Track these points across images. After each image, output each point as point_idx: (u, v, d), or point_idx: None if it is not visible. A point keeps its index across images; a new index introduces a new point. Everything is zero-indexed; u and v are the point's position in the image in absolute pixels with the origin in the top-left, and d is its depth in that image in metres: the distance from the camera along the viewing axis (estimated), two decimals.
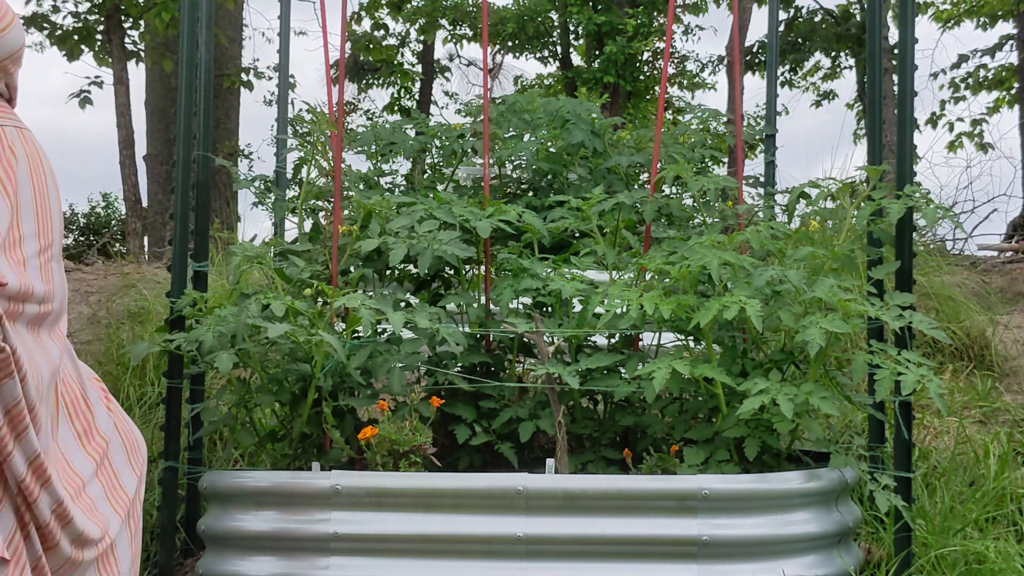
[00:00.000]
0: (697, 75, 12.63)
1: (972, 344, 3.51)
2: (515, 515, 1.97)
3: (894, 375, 1.94)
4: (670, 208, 2.58)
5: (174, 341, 2.25)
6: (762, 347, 2.42)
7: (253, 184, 2.71)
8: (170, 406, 2.32)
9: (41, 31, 7.33)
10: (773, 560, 1.96)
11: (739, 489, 1.96)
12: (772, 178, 3.03)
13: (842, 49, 10.87)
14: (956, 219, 2.37)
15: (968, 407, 3.11)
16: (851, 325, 1.99)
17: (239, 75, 7.59)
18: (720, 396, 2.12)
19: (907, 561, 2.07)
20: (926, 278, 3.73)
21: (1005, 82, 9.74)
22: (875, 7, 2.31)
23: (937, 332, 2.00)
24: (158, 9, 6.29)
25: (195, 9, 2.36)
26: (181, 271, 2.35)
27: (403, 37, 12.66)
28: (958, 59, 9.94)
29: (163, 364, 2.40)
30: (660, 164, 2.66)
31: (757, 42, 10.86)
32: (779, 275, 2.08)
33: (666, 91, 7.07)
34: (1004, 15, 9.48)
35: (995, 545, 2.12)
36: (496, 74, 13.93)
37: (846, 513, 2.08)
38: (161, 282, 3.74)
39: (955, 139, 9.72)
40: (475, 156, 3.13)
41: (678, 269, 2.14)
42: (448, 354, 2.42)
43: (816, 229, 2.35)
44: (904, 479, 2.08)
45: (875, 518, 2.30)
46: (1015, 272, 4.46)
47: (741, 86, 3.42)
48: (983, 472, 2.58)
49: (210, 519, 2.12)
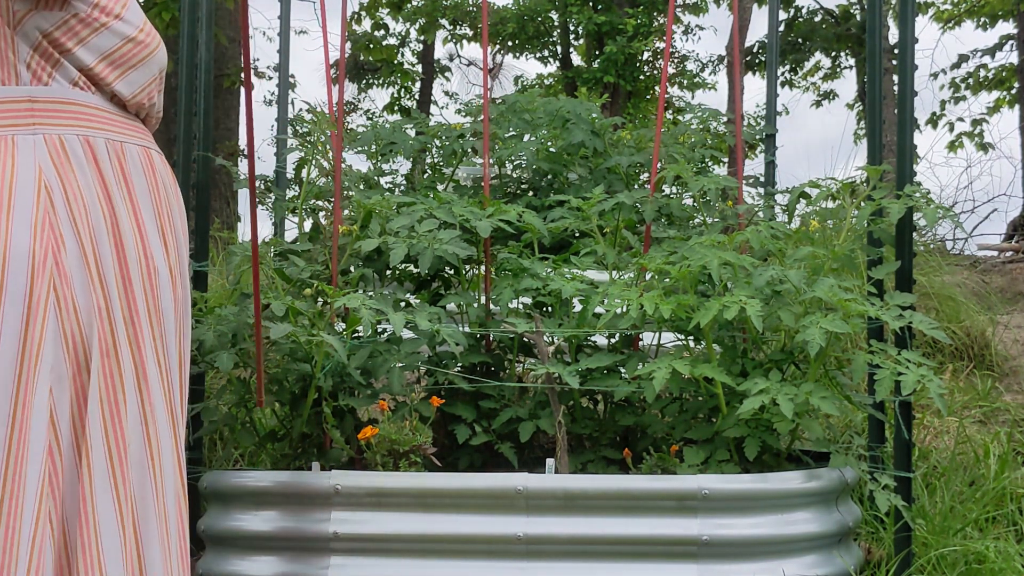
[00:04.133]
0: (697, 75, 12.63)
1: (972, 344, 3.51)
2: (515, 515, 1.97)
3: (894, 375, 1.94)
4: (670, 208, 2.58)
5: None
6: (762, 347, 2.42)
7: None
8: None
9: None
10: (773, 560, 1.96)
11: (739, 489, 1.96)
12: (772, 178, 3.03)
13: (842, 49, 10.88)
14: (956, 219, 2.37)
15: (968, 407, 3.11)
16: (851, 325, 1.99)
17: (239, 75, 7.59)
18: (720, 396, 2.12)
19: (907, 561, 2.07)
20: (926, 278, 3.73)
21: (1005, 82, 9.74)
22: (875, 7, 2.31)
23: (937, 332, 2.00)
24: (158, 9, 6.28)
25: (195, 9, 2.36)
26: None
27: (403, 37, 12.67)
28: (958, 59, 9.95)
29: None
30: (660, 164, 2.66)
31: (757, 42, 10.86)
32: (779, 275, 2.08)
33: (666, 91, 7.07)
34: (1004, 15, 9.48)
35: (995, 545, 2.12)
36: (496, 74, 13.94)
37: (846, 513, 2.08)
38: None
39: (955, 139, 9.73)
40: (475, 156, 3.13)
41: (678, 269, 2.14)
42: (448, 354, 2.42)
43: (816, 229, 2.36)
44: (904, 479, 2.08)
45: (875, 518, 2.30)
46: (1015, 272, 4.46)
47: (741, 86, 3.42)
48: (983, 472, 2.58)
49: (210, 519, 2.12)
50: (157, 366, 1.37)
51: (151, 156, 1.45)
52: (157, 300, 1.38)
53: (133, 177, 1.39)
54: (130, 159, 1.40)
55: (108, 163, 1.37)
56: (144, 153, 1.43)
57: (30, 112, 1.33)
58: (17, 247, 1.27)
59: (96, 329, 1.30)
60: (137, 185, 1.39)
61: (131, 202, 1.38)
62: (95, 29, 1.37)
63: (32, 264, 1.28)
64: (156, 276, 1.38)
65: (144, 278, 1.36)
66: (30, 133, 1.33)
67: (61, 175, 1.32)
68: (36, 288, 1.28)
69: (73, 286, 1.30)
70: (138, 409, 1.34)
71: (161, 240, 1.41)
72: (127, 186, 1.38)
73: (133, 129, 1.44)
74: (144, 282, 1.36)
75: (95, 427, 1.29)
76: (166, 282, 1.40)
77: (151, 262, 1.38)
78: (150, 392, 1.35)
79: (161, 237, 1.41)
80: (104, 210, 1.34)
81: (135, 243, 1.36)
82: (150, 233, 1.39)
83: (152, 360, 1.36)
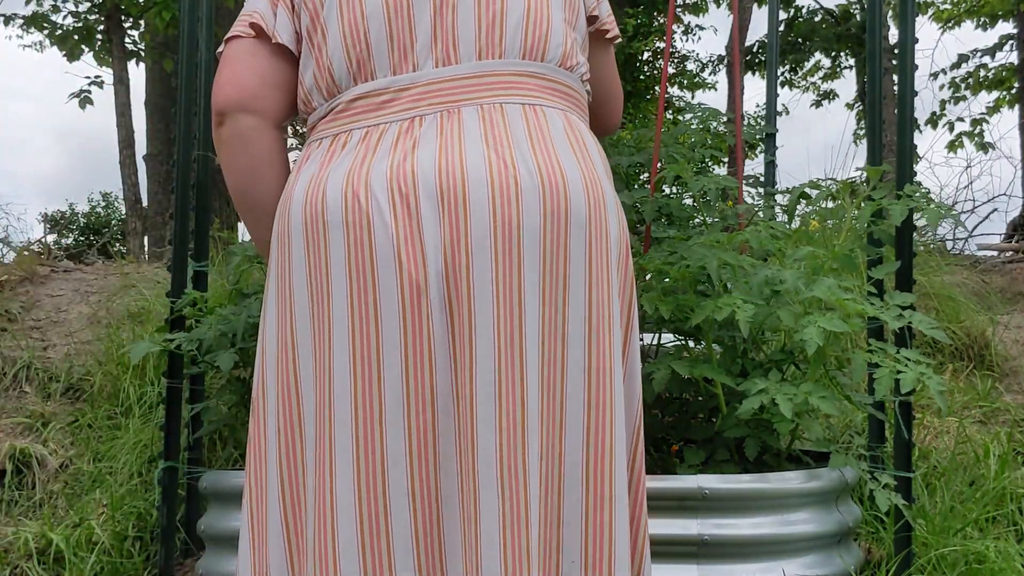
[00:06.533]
0: (697, 75, 12.63)
1: (972, 344, 3.51)
2: None
3: (893, 373, 1.94)
4: (670, 208, 2.58)
5: (174, 341, 2.25)
6: (762, 347, 2.42)
7: None
8: (170, 406, 2.31)
9: (41, 31, 7.32)
10: (773, 560, 1.96)
11: (739, 489, 1.96)
12: (772, 178, 3.03)
13: (842, 49, 10.88)
14: (957, 218, 2.37)
15: (968, 407, 3.11)
16: (850, 325, 1.99)
17: None
18: (720, 396, 2.12)
19: (907, 561, 2.07)
20: (926, 278, 3.73)
21: (1005, 82, 9.73)
22: (875, 7, 2.30)
23: (937, 332, 2.00)
24: (158, 8, 6.28)
25: (195, 9, 2.35)
26: (181, 271, 2.35)
27: None
28: (958, 59, 9.94)
29: (163, 364, 2.40)
30: (660, 164, 2.66)
31: (757, 42, 10.86)
32: (777, 275, 2.08)
33: (666, 91, 7.07)
34: (1004, 15, 9.47)
35: (995, 545, 2.12)
36: None
37: (846, 513, 2.08)
38: (161, 282, 3.74)
39: (955, 139, 9.71)
40: None
41: (677, 269, 2.14)
42: None
43: (816, 229, 2.35)
44: (904, 479, 2.08)
45: (875, 518, 2.30)
46: (1015, 272, 4.45)
47: (741, 86, 3.42)
48: (983, 472, 2.58)
49: (210, 519, 2.12)
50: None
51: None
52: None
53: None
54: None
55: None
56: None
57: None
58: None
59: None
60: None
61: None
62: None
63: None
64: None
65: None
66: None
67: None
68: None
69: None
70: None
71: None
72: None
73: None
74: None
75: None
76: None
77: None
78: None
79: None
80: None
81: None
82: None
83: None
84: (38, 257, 4.29)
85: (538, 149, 1.27)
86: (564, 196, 1.24)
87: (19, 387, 3.11)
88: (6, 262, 4.30)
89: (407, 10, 1.35)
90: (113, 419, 2.95)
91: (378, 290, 1.21)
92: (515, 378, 1.18)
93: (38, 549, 2.36)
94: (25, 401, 3.04)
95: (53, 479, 2.73)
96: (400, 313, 1.20)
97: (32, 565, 2.33)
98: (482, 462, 1.16)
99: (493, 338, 1.18)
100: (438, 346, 1.20)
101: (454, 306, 1.20)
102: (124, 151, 6.95)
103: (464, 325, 1.19)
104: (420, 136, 1.28)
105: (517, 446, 1.17)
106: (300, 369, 1.27)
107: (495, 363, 1.18)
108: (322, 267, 1.25)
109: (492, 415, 1.17)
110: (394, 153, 1.26)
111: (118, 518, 2.45)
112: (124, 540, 2.42)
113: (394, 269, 1.20)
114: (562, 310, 1.23)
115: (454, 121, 1.29)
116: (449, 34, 1.34)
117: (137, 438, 2.76)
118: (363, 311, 1.21)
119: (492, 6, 1.35)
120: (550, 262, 1.23)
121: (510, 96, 1.32)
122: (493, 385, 1.18)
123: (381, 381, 1.19)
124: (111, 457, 2.74)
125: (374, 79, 1.34)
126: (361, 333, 1.21)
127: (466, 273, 1.19)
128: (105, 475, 2.67)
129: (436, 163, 1.23)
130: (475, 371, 1.18)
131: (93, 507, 2.53)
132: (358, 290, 1.22)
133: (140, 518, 2.48)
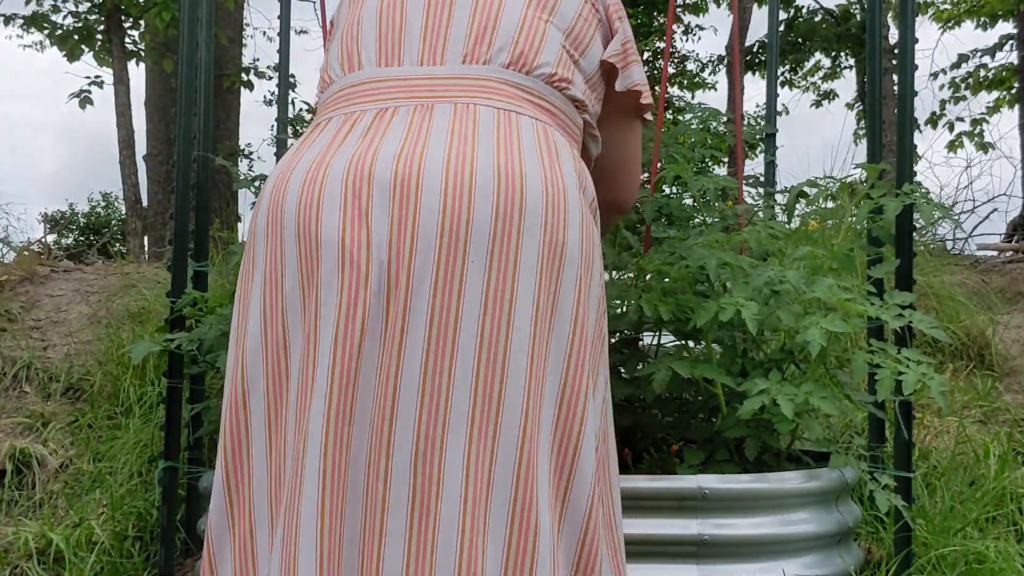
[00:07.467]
0: (697, 75, 12.63)
1: (972, 344, 3.51)
2: None
3: (895, 374, 1.94)
4: (670, 208, 2.58)
5: (174, 341, 2.25)
6: (762, 347, 2.42)
7: (253, 184, 2.70)
8: (170, 406, 2.31)
9: (41, 31, 7.32)
10: (773, 560, 1.96)
11: (739, 489, 1.96)
12: (772, 178, 3.03)
13: (842, 49, 10.88)
14: (956, 219, 2.37)
15: (968, 407, 3.11)
16: (851, 324, 1.99)
17: (239, 75, 7.59)
18: (720, 396, 2.12)
19: (907, 561, 2.07)
20: (926, 278, 3.73)
21: (1005, 82, 9.73)
22: (875, 7, 2.30)
23: (937, 332, 2.00)
24: (158, 9, 6.28)
25: (195, 9, 2.36)
26: (181, 271, 2.35)
27: None
28: (958, 59, 9.93)
29: (163, 364, 2.40)
30: (660, 164, 2.66)
31: (757, 42, 10.85)
32: (778, 275, 2.08)
33: (666, 91, 7.07)
34: (1004, 15, 9.47)
35: (995, 545, 2.12)
36: None
37: (846, 513, 2.08)
38: (161, 282, 3.74)
39: (955, 139, 9.70)
40: None
41: (676, 269, 2.14)
42: None
43: (816, 229, 2.35)
44: (904, 479, 2.08)
45: (875, 518, 2.30)
46: (1015, 272, 4.45)
47: (741, 86, 3.42)
48: (983, 472, 2.58)
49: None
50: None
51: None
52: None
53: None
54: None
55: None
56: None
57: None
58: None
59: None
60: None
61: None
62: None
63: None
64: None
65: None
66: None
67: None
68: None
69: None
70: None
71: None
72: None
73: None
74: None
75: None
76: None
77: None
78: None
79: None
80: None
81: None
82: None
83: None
84: (38, 257, 4.29)
85: (503, 149, 1.27)
86: (520, 193, 1.22)
87: (19, 387, 3.11)
88: (6, 262, 4.30)
89: (401, 9, 1.40)
90: (113, 419, 2.95)
91: (319, 274, 1.22)
92: (442, 373, 1.18)
93: (38, 549, 2.36)
94: (25, 401, 3.05)
95: (53, 479, 2.73)
96: (338, 295, 1.20)
97: (32, 565, 2.33)
98: (397, 459, 1.16)
99: (424, 333, 1.18)
100: (368, 335, 1.19)
101: (392, 297, 1.19)
102: (124, 151, 6.95)
103: (398, 317, 1.18)
104: (389, 127, 1.30)
105: (435, 446, 1.16)
106: (248, 346, 1.30)
107: (422, 358, 1.17)
108: (277, 251, 1.29)
109: (413, 413, 1.16)
110: (360, 142, 1.28)
111: (118, 518, 2.45)
112: (124, 540, 2.42)
113: (336, 255, 1.21)
114: (508, 310, 1.20)
115: (425, 116, 1.30)
116: (439, 37, 1.37)
117: (137, 438, 2.76)
118: (306, 292, 1.25)
119: (487, 14, 1.38)
120: (498, 259, 1.20)
121: (488, 100, 1.33)
122: (418, 379, 1.17)
123: (315, 364, 1.21)
124: (111, 457, 2.74)
125: (361, 70, 1.39)
126: (303, 310, 1.25)
127: (408, 265, 1.19)
128: (105, 475, 2.68)
129: (396, 155, 1.24)
130: (401, 365, 1.18)
131: (93, 507, 2.53)
132: (306, 272, 1.25)
133: (140, 518, 2.48)
